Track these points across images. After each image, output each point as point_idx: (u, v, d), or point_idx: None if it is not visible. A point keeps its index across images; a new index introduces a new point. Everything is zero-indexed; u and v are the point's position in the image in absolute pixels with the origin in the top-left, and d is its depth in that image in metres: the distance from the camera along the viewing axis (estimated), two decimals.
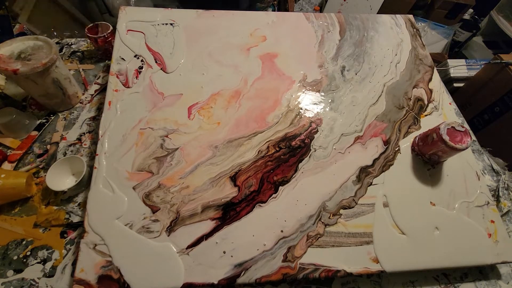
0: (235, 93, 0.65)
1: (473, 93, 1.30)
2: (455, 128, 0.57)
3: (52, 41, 0.60)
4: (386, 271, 0.50)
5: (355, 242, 0.52)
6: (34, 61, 0.56)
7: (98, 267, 0.46)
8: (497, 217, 0.58)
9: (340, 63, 0.74)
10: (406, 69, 0.75)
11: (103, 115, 0.59)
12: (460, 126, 0.57)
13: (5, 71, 0.54)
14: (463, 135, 0.56)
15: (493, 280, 0.56)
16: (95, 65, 0.78)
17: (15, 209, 0.54)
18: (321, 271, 0.49)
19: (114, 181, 0.53)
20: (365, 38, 0.79)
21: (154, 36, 0.70)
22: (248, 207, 0.53)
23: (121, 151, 0.56)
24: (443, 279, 0.55)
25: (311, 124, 0.63)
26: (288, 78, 0.69)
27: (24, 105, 0.69)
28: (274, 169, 0.57)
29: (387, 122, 0.66)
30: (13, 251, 0.50)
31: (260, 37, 0.74)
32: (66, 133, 0.64)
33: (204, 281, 0.46)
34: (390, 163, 0.61)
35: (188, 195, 0.53)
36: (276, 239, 0.51)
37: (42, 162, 0.60)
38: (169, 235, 0.49)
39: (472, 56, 1.87)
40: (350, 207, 0.55)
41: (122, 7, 0.73)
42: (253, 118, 0.62)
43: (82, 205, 0.55)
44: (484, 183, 0.62)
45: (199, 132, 0.60)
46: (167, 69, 0.66)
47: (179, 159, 0.56)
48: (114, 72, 0.64)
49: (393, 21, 0.84)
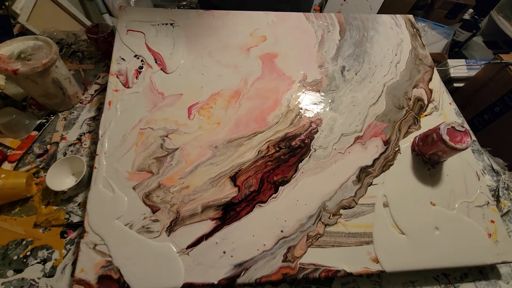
0: (235, 93, 0.65)
1: (473, 93, 1.30)
2: (455, 128, 0.57)
3: (52, 41, 0.60)
4: (386, 271, 0.50)
5: (355, 242, 0.52)
6: (34, 61, 0.56)
7: (98, 267, 0.46)
8: (497, 217, 0.58)
9: (340, 63, 0.74)
10: (406, 69, 0.75)
11: (103, 115, 0.59)
12: (460, 126, 0.57)
13: (5, 71, 0.54)
14: (463, 135, 0.56)
15: (493, 280, 0.56)
16: (95, 65, 0.78)
17: (15, 209, 0.54)
18: (321, 271, 0.49)
19: (114, 181, 0.53)
20: (365, 38, 0.79)
21: (154, 36, 0.70)
22: (248, 207, 0.53)
23: (121, 151, 0.56)
24: (443, 279, 0.55)
25: (311, 124, 0.63)
26: (288, 78, 0.69)
27: (24, 105, 0.69)
28: (274, 169, 0.57)
29: (387, 122, 0.66)
30: (13, 251, 0.50)
31: (260, 37, 0.74)
32: (66, 133, 0.64)
33: (204, 281, 0.46)
34: (390, 163, 0.61)
35: (188, 195, 0.53)
36: (276, 239, 0.51)
37: (42, 162, 0.60)
38: (169, 235, 0.49)
39: (472, 56, 1.87)
40: (350, 207, 0.55)
41: (122, 7, 0.73)
42: (253, 118, 0.62)
43: (82, 205, 0.55)
44: (484, 183, 0.62)
45: (199, 132, 0.60)
46: (167, 69, 0.66)
47: (179, 159, 0.56)
48: (114, 72, 0.64)
49: (393, 21, 0.84)
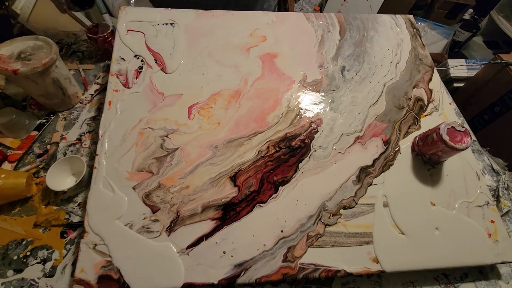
0: (235, 93, 0.65)
1: (473, 93, 1.30)
2: (455, 128, 0.57)
3: (52, 41, 0.60)
4: (386, 271, 0.50)
5: (355, 242, 0.52)
6: (34, 61, 0.56)
7: (98, 267, 0.46)
8: (497, 217, 0.58)
9: (340, 63, 0.74)
10: (406, 69, 0.75)
11: (103, 115, 0.59)
12: (460, 126, 0.57)
13: (5, 71, 0.54)
14: (463, 135, 0.56)
15: (493, 280, 0.56)
16: (95, 65, 0.78)
17: (15, 209, 0.54)
18: (321, 271, 0.49)
19: (114, 181, 0.53)
20: (365, 38, 0.79)
21: (154, 37, 0.70)
22: (248, 207, 0.53)
23: (121, 151, 0.56)
24: (443, 279, 0.55)
25: (311, 124, 0.63)
26: (288, 78, 0.69)
27: (24, 105, 0.69)
28: (274, 169, 0.57)
29: (387, 122, 0.66)
30: (13, 251, 0.50)
31: (260, 37, 0.74)
32: (66, 133, 0.64)
33: (204, 281, 0.46)
34: (390, 163, 0.61)
35: (188, 195, 0.53)
36: (276, 239, 0.51)
37: (42, 162, 0.60)
38: (169, 235, 0.49)
39: (472, 56, 1.87)
40: (350, 207, 0.55)
41: (122, 7, 0.73)
42: (253, 118, 0.62)
43: (82, 205, 0.55)
44: (484, 183, 0.62)
45: (199, 132, 0.60)
46: (167, 69, 0.66)
47: (179, 159, 0.56)
48: (114, 72, 0.64)
49: (393, 21, 0.84)
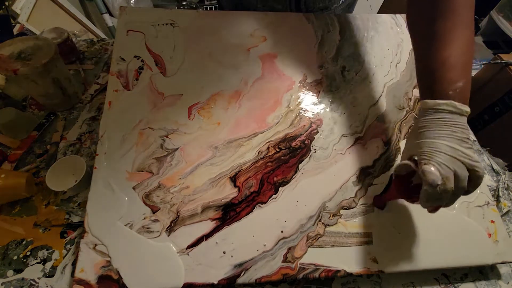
0: (235, 93, 0.65)
1: (473, 93, 1.30)
2: None
3: (52, 41, 0.60)
4: (385, 271, 0.50)
5: (355, 242, 0.52)
6: (34, 61, 0.56)
7: (98, 267, 0.46)
8: (497, 217, 0.58)
9: (340, 63, 0.73)
10: (406, 69, 0.75)
11: (103, 115, 0.59)
12: None
13: (5, 71, 0.54)
14: None
15: (493, 280, 0.56)
16: (95, 65, 0.78)
17: (15, 209, 0.54)
18: (321, 271, 0.49)
19: (114, 181, 0.53)
20: (365, 38, 0.79)
21: (154, 37, 0.70)
22: (248, 207, 0.53)
23: (121, 151, 0.56)
24: (443, 279, 0.55)
25: (311, 124, 0.63)
26: (288, 78, 0.69)
27: (24, 105, 0.68)
28: (274, 170, 0.57)
29: (387, 122, 0.66)
30: (13, 251, 0.50)
31: (260, 38, 0.74)
32: (66, 133, 0.64)
33: (204, 281, 0.46)
34: (390, 164, 0.61)
35: (188, 195, 0.53)
36: (276, 240, 0.51)
37: (42, 162, 0.60)
38: (169, 235, 0.49)
39: None
40: (350, 208, 0.55)
41: (122, 7, 0.73)
42: (253, 118, 0.62)
43: (82, 205, 0.55)
44: (484, 183, 0.62)
45: (199, 132, 0.60)
46: (167, 73, 0.66)
47: (179, 159, 0.56)
48: (114, 73, 0.64)
49: (393, 21, 0.84)
